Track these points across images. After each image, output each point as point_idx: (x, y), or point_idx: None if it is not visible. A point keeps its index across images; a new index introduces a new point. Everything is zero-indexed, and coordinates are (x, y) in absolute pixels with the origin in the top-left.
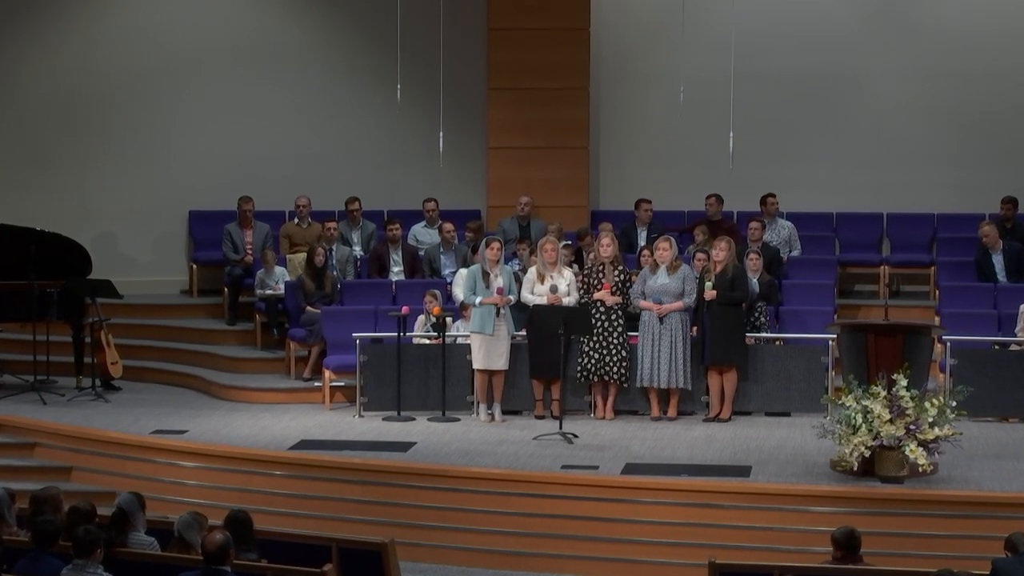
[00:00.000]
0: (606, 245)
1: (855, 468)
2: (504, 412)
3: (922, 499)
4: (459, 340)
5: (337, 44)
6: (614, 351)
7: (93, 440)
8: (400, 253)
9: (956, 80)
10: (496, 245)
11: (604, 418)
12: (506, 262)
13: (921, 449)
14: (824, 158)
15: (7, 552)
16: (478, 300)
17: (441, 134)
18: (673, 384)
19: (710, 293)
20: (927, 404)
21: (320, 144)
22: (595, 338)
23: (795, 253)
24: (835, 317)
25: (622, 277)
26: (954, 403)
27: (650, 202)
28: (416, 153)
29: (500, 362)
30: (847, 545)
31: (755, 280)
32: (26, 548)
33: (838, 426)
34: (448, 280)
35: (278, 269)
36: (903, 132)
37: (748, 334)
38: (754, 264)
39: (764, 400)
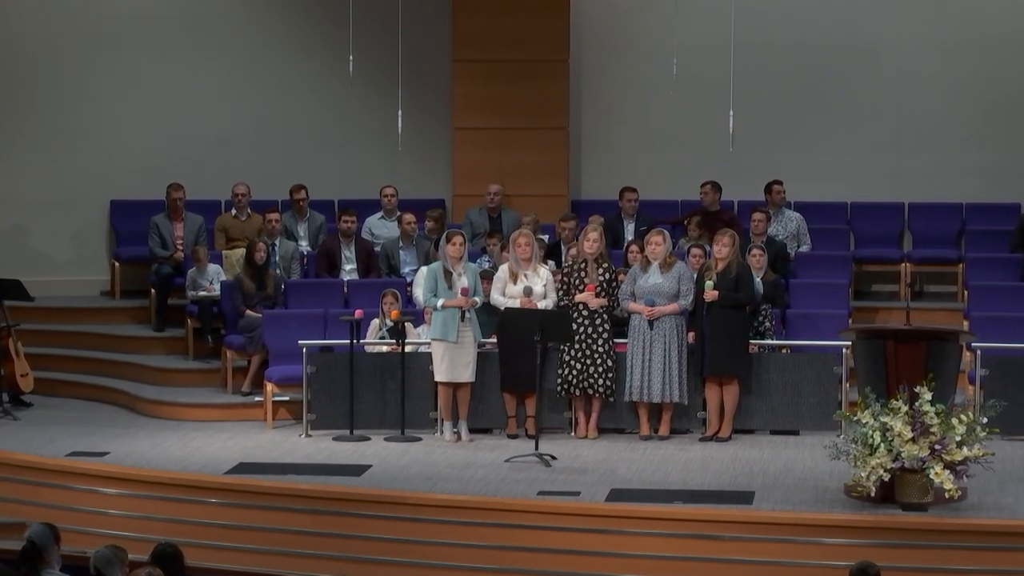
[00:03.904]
0: (592, 240)
1: (873, 494)
2: (472, 430)
3: (949, 529)
4: (421, 348)
5: (280, 10)
6: (598, 360)
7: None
8: (353, 248)
9: (985, 51)
10: (458, 240)
11: (587, 437)
12: (474, 259)
13: (948, 472)
14: (837, 140)
15: None
16: (439, 303)
17: (400, 112)
18: (666, 398)
19: (711, 294)
20: (954, 421)
21: (261, 125)
22: (577, 346)
23: (804, 249)
24: (850, 322)
25: (607, 276)
26: (985, 419)
27: (635, 191)
28: (371, 134)
29: (466, 373)
30: None
31: (759, 279)
32: None
33: (853, 446)
34: (408, 279)
35: (212, 267)
36: (926, 110)
37: (751, 341)
38: (758, 261)
39: (769, 416)
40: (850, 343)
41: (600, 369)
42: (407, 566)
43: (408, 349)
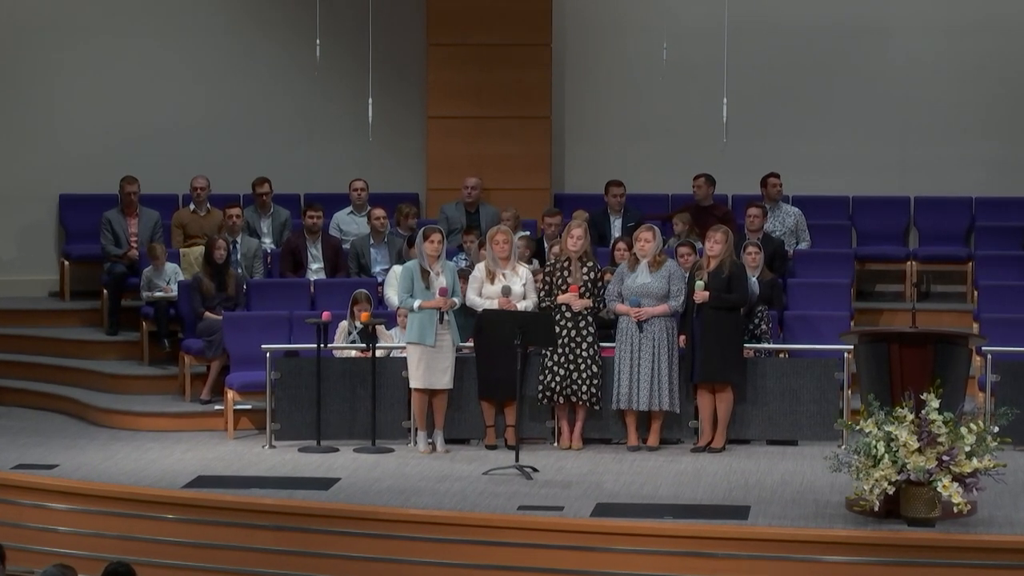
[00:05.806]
0: (576, 237)
1: (876, 508)
2: (448, 441)
3: (957, 545)
4: (393, 353)
5: None
6: (583, 366)
7: None
8: (319, 246)
9: (996, 35)
10: (437, 237)
11: (570, 448)
12: (450, 257)
13: (956, 485)
14: (837, 130)
15: None
16: (416, 304)
17: (370, 100)
18: (656, 406)
19: (701, 295)
20: (963, 430)
21: (221, 114)
22: (560, 350)
23: (803, 246)
24: (851, 324)
25: (592, 276)
26: (996, 429)
27: (622, 185)
28: (339, 124)
29: (444, 379)
30: None
31: (755, 279)
32: None
33: (855, 457)
34: (379, 279)
35: (169, 266)
36: (933, 98)
37: (747, 345)
38: (754, 259)
39: (766, 425)
40: (852, 347)
41: (585, 375)
42: None
43: (379, 353)
